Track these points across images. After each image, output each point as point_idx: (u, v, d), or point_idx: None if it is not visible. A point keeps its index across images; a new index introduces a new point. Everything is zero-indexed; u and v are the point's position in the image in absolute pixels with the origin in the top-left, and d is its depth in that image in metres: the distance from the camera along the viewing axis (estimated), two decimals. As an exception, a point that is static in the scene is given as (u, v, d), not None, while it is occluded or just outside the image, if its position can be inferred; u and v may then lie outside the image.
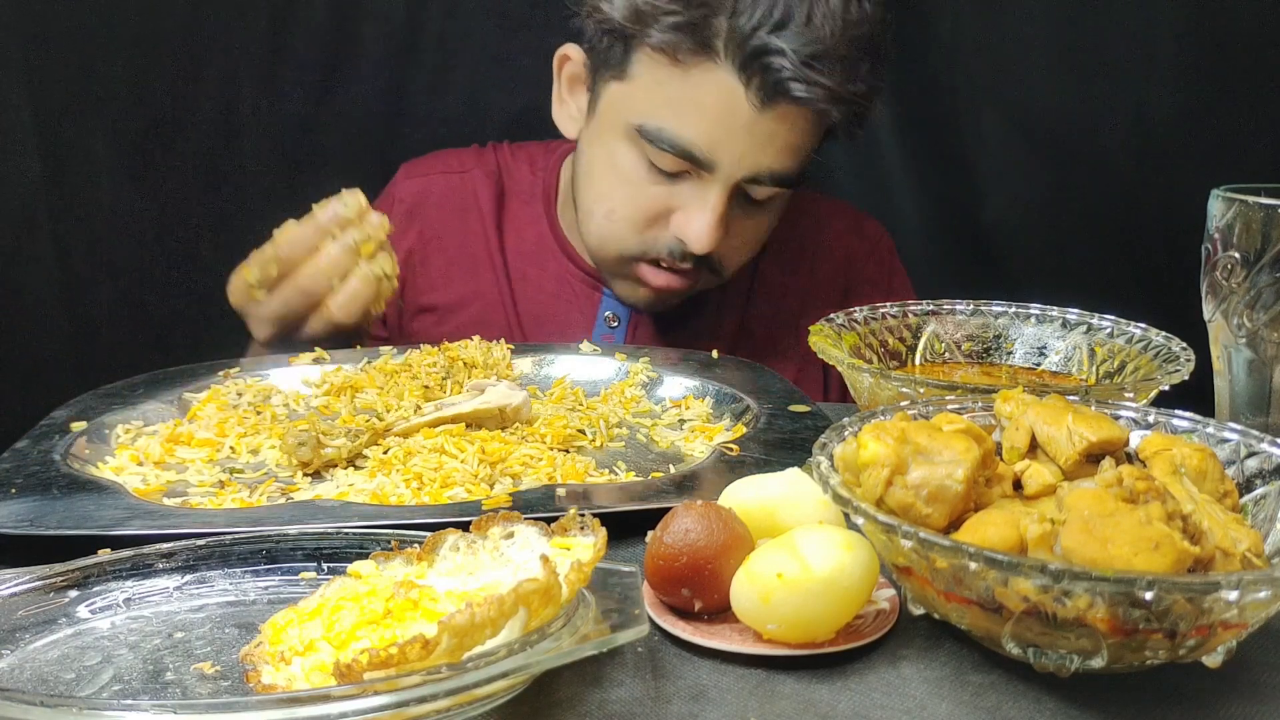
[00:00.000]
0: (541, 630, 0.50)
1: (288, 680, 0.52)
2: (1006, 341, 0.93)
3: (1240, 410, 0.79)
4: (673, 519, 0.60)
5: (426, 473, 0.78)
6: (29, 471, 0.76)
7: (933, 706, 0.54)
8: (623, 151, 1.12)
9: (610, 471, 0.81)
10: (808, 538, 0.57)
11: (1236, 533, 0.55)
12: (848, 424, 0.64)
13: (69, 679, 0.54)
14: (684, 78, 1.06)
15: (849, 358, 0.84)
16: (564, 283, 1.27)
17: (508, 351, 1.02)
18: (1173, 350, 0.83)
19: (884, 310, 0.93)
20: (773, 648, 0.57)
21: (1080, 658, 0.52)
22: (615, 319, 1.25)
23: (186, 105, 1.45)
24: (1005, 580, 0.51)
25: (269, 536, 0.64)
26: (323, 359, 1.02)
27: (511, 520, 0.61)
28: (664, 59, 1.06)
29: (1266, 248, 0.74)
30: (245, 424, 0.88)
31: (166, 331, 1.50)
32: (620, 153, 1.12)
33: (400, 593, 0.55)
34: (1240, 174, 0.80)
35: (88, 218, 1.44)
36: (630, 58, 1.09)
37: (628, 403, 0.95)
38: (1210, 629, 0.51)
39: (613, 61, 1.11)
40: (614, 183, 1.13)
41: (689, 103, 1.06)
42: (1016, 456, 0.62)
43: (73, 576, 0.60)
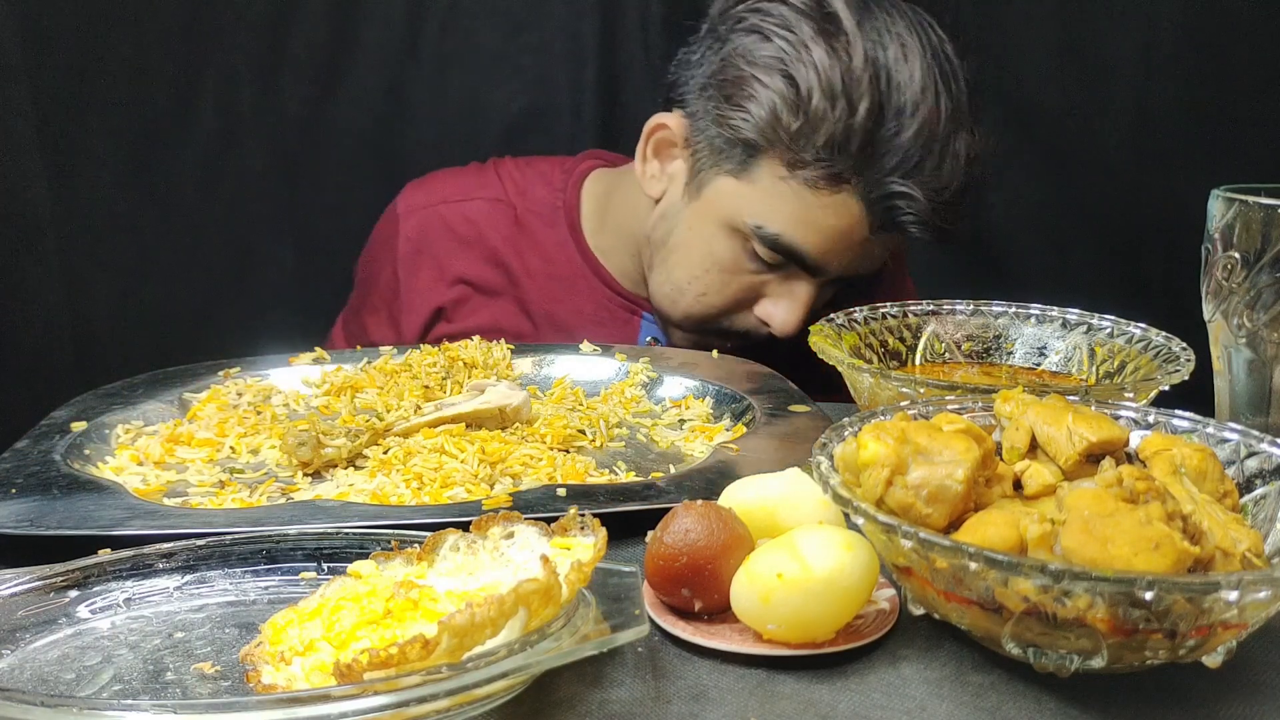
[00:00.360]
0: (541, 630, 0.50)
1: (288, 680, 0.52)
2: (1006, 341, 0.93)
3: (1240, 410, 0.79)
4: (673, 519, 0.60)
5: (426, 473, 0.78)
6: (29, 471, 0.76)
7: (933, 707, 0.54)
8: (724, 240, 1.12)
9: (610, 471, 0.81)
10: (808, 538, 0.57)
11: (1236, 533, 0.55)
12: (848, 424, 0.64)
13: (69, 679, 0.54)
14: (810, 197, 1.07)
15: (849, 358, 0.84)
16: (601, 307, 1.25)
17: (508, 351, 1.02)
18: (1173, 350, 0.83)
19: (884, 310, 0.93)
20: (773, 648, 0.57)
21: (1080, 658, 0.52)
22: (655, 344, 1.23)
23: (187, 105, 1.45)
24: (1005, 580, 0.51)
25: (269, 536, 0.64)
26: (323, 359, 1.02)
27: (511, 520, 0.61)
28: (791, 176, 1.07)
29: (1266, 248, 0.74)
30: (245, 424, 0.88)
31: (166, 331, 1.50)
32: (721, 241, 1.12)
33: (400, 593, 0.55)
34: (1241, 174, 0.80)
35: (88, 218, 1.44)
36: (754, 164, 1.09)
37: (628, 403, 0.95)
38: (1210, 629, 0.51)
39: (731, 159, 1.10)
40: (710, 268, 1.13)
41: (810, 218, 1.08)
42: (1016, 456, 0.62)
43: (73, 576, 0.60)
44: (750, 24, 1.08)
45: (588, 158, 1.31)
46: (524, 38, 1.51)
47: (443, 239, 1.26)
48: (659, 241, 1.18)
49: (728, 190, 1.11)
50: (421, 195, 1.30)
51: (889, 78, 1.04)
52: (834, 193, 1.07)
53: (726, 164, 1.11)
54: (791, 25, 1.06)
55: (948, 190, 1.08)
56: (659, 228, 1.17)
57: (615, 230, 1.25)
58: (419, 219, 1.27)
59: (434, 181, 1.32)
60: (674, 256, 1.16)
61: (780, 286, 1.12)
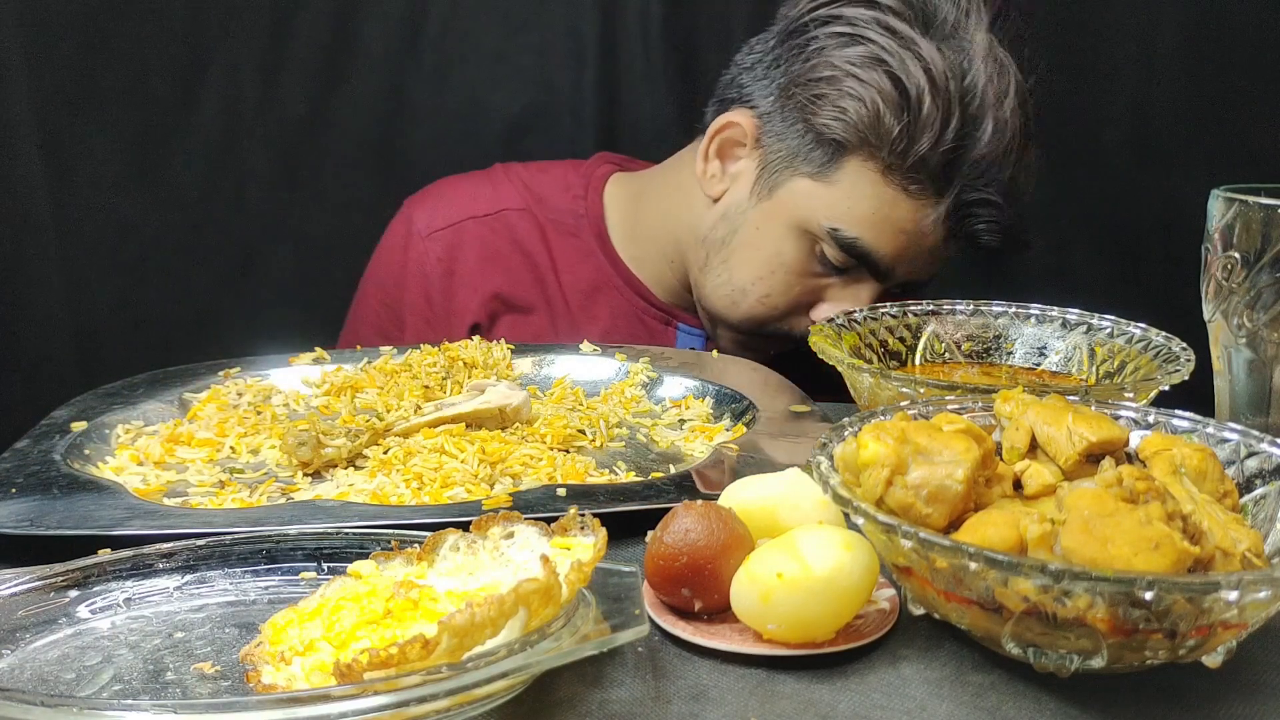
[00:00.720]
0: (541, 630, 0.50)
1: (288, 680, 0.52)
2: (1006, 341, 0.93)
3: (1240, 410, 0.79)
4: (673, 519, 0.60)
5: (426, 473, 0.78)
6: (29, 471, 0.76)
7: (933, 707, 0.54)
8: (792, 242, 1.11)
9: (610, 471, 0.81)
10: (808, 538, 0.57)
11: (1236, 533, 0.55)
12: (848, 424, 0.64)
13: (69, 679, 0.54)
14: (893, 199, 1.07)
15: (849, 358, 0.84)
16: (635, 320, 1.23)
17: (508, 351, 1.02)
18: (1173, 350, 0.83)
19: (884, 310, 0.93)
20: (773, 648, 0.57)
21: (1080, 658, 0.52)
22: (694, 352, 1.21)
23: (187, 105, 1.45)
24: (1005, 580, 0.51)
25: (269, 536, 0.64)
26: (322, 359, 1.02)
27: (511, 520, 0.61)
28: (876, 178, 1.07)
29: (1266, 248, 0.74)
30: (245, 424, 0.88)
31: (166, 331, 1.50)
32: (789, 242, 1.11)
33: (400, 593, 0.55)
34: (1241, 174, 0.80)
35: (88, 218, 1.44)
36: (838, 165, 1.08)
37: (628, 403, 0.95)
38: (1210, 629, 0.51)
39: (811, 160, 1.09)
40: (777, 269, 1.12)
41: (890, 222, 1.08)
42: (1016, 456, 0.62)
43: (73, 576, 0.60)
44: (840, 26, 1.07)
45: (602, 162, 1.29)
46: (524, 38, 1.50)
47: (474, 256, 1.22)
48: (718, 241, 1.16)
49: (804, 191, 1.10)
50: (440, 211, 1.25)
51: (981, 83, 1.05)
52: (914, 195, 1.07)
53: (805, 165, 1.10)
54: (892, 26, 1.05)
55: (1021, 199, 1.09)
56: (719, 228, 1.16)
57: (649, 238, 1.23)
58: (446, 238, 1.23)
59: (444, 194, 1.28)
60: (737, 256, 1.14)
61: (842, 290, 1.12)
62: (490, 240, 1.23)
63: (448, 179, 1.31)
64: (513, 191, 1.25)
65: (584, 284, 1.23)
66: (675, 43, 1.50)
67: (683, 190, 1.20)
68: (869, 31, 1.06)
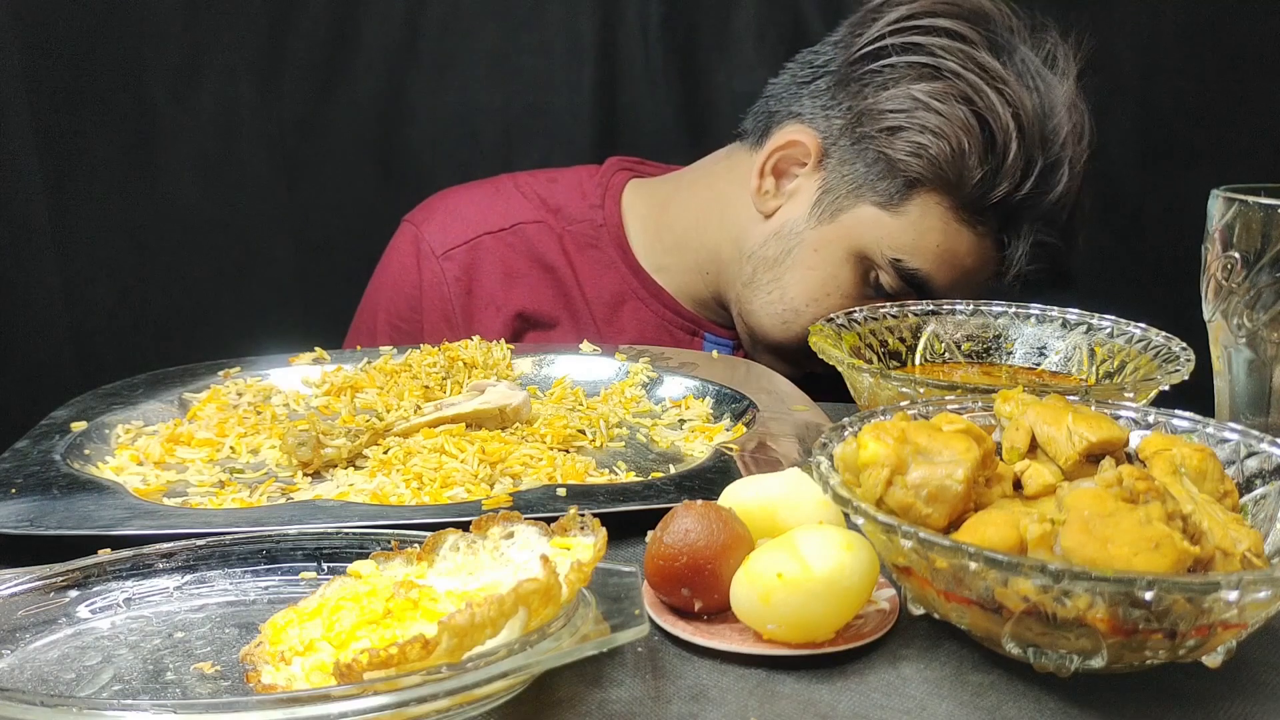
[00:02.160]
0: (541, 630, 0.50)
1: (288, 680, 0.52)
2: (1006, 341, 0.93)
3: (1240, 410, 0.79)
4: (673, 519, 0.60)
5: (426, 473, 0.78)
6: (29, 471, 0.76)
7: (933, 706, 0.54)
8: (850, 268, 1.10)
9: (610, 471, 0.81)
10: (808, 538, 0.57)
11: (1236, 533, 0.55)
12: (848, 424, 0.64)
13: (69, 679, 0.54)
14: (958, 235, 1.07)
15: (849, 358, 0.84)
16: (662, 330, 1.21)
17: (508, 351, 1.02)
18: (1173, 350, 0.83)
19: (884, 310, 0.93)
20: (773, 648, 0.57)
21: (1080, 658, 0.52)
22: None
23: (186, 105, 1.45)
24: (1005, 580, 0.51)
25: (269, 536, 0.64)
26: (322, 359, 1.02)
27: (511, 520, 0.61)
28: (946, 213, 1.06)
29: (1266, 248, 0.74)
30: (245, 424, 0.88)
31: (166, 331, 1.50)
32: (847, 268, 1.10)
33: (400, 593, 0.55)
34: (1242, 174, 0.80)
35: (87, 217, 1.44)
36: (909, 197, 1.06)
37: (628, 403, 0.95)
38: (1210, 629, 0.51)
39: (880, 190, 1.07)
40: (831, 293, 1.11)
41: (951, 256, 1.07)
42: (1016, 456, 0.62)
43: (73, 576, 0.60)
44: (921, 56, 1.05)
45: (617, 168, 1.26)
46: (524, 38, 1.50)
47: (494, 274, 1.19)
48: (769, 260, 1.13)
49: (869, 219, 1.08)
50: (452, 229, 1.20)
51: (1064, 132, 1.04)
52: (979, 234, 1.06)
53: (871, 194, 1.08)
54: (980, 61, 1.03)
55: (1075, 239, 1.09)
56: (770, 245, 1.13)
57: (679, 247, 1.20)
58: (462, 257, 1.19)
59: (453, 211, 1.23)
60: (790, 276, 1.12)
61: None
62: (508, 257, 1.19)
63: (449, 191, 1.27)
64: (525, 203, 1.22)
65: (608, 295, 1.20)
66: (675, 43, 1.50)
67: (722, 201, 1.17)
68: (953, 62, 1.03)
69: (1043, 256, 1.08)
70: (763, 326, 1.15)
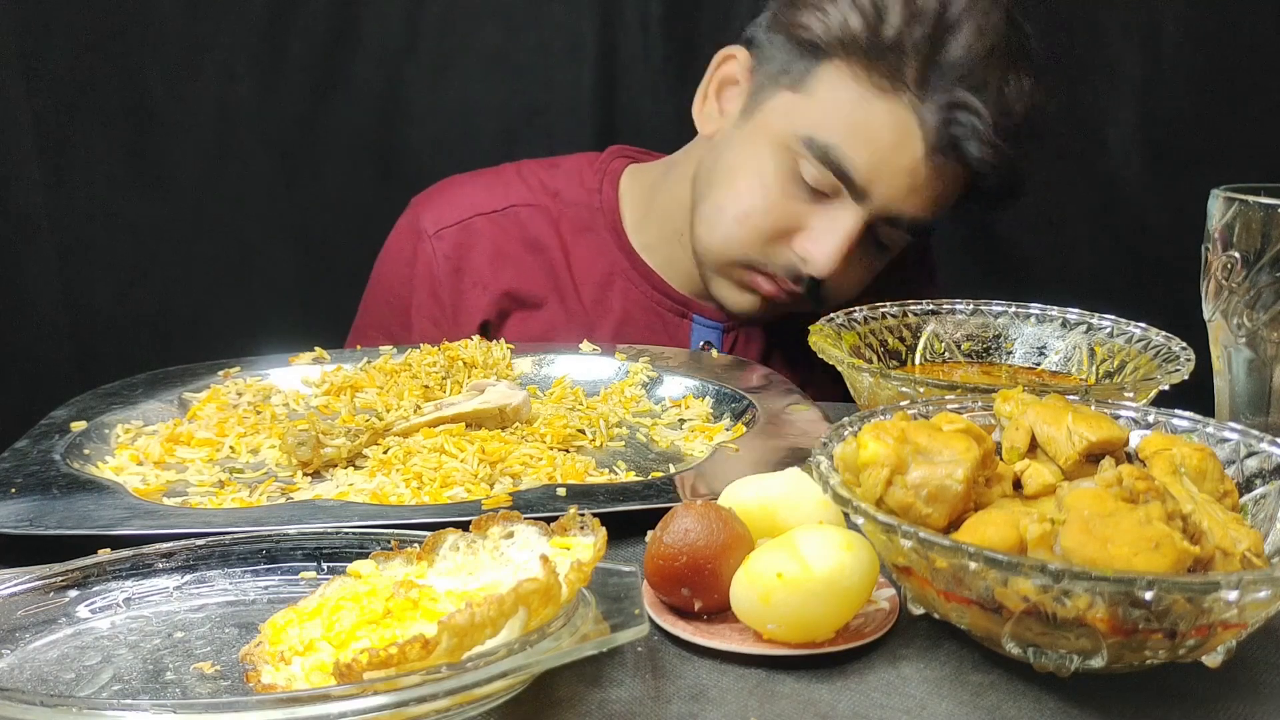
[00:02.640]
0: (541, 630, 0.50)
1: (288, 680, 0.52)
2: (1006, 341, 0.93)
3: (1240, 410, 0.79)
4: (673, 519, 0.60)
5: (426, 473, 0.78)
6: (29, 471, 0.76)
7: (933, 706, 0.54)
8: (773, 160, 1.10)
9: (610, 471, 0.81)
10: (808, 538, 0.57)
11: (1236, 533, 0.55)
12: (848, 424, 0.64)
13: (69, 679, 0.54)
14: (867, 104, 1.06)
15: (849, 357, 0.84)
16: (650, 311, 1.21)
17: (508, 351, 1.02)
18: (1173, 350, 0.83)
19: (884, 310, 0.93)
20: (773, 648, 0.57)
21: (1080, 658, 0.52)
22: (709, 346, 1.19)
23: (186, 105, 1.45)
24: (1005, 580, 0.51)
25: (269, 536, 0.64)
26: (322, 359, 1.02)
27: (511, 520, 0.61)
28: (852, 82, 1.06)
29: (1266, 248, 0.74)
30: (245, 424, 0.88)
31: (166, 331, 1.50)
32: (770, 160, 1.10)
33: (400, 593, 0.55)
34: (1243, 174, 0.80)
35: (87, 217, 1.44)
36: (814, 72, 1.08)
37: (628, 402, 0.95)
38: (1210, 629, 0.51)
39: (792, 72, 1.09)
40: (756, 188, 1.10)
41: (864, 129, 1.06)
42: (1016, 456, 0.62)
43: (73, 576, 0.60)
44: None
45: (616, 155, 1.27)
46: (524, 38, 1.51)
47: (483, 253, 1.21)
48: (707, 172, 1.15)
49: (783, 105, 1.09)
50: (448, 209, 1.23)
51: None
52: (890, 100, 1.05)
53: (785, 79, 1.09)
54: None
55: (1011, 119, 1.06)
56: (707, 160, 1.15)
57: (660, 222, 1.21)
58: (454, 235, 1.21)
59: (453, 192, 1.26)
60: (719, 179, 1.13)
61: (822, 219, 1.09)
62: (499, 238, 1.21)
63: (456, 177, 1.29)
64: (523, 187, 1.24)
65: (598, 276, 1.21)
66: (675, 43, 1.50)
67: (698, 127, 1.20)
68: None
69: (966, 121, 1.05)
70: (701, 243, 1.15)
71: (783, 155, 1.09)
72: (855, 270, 1.13)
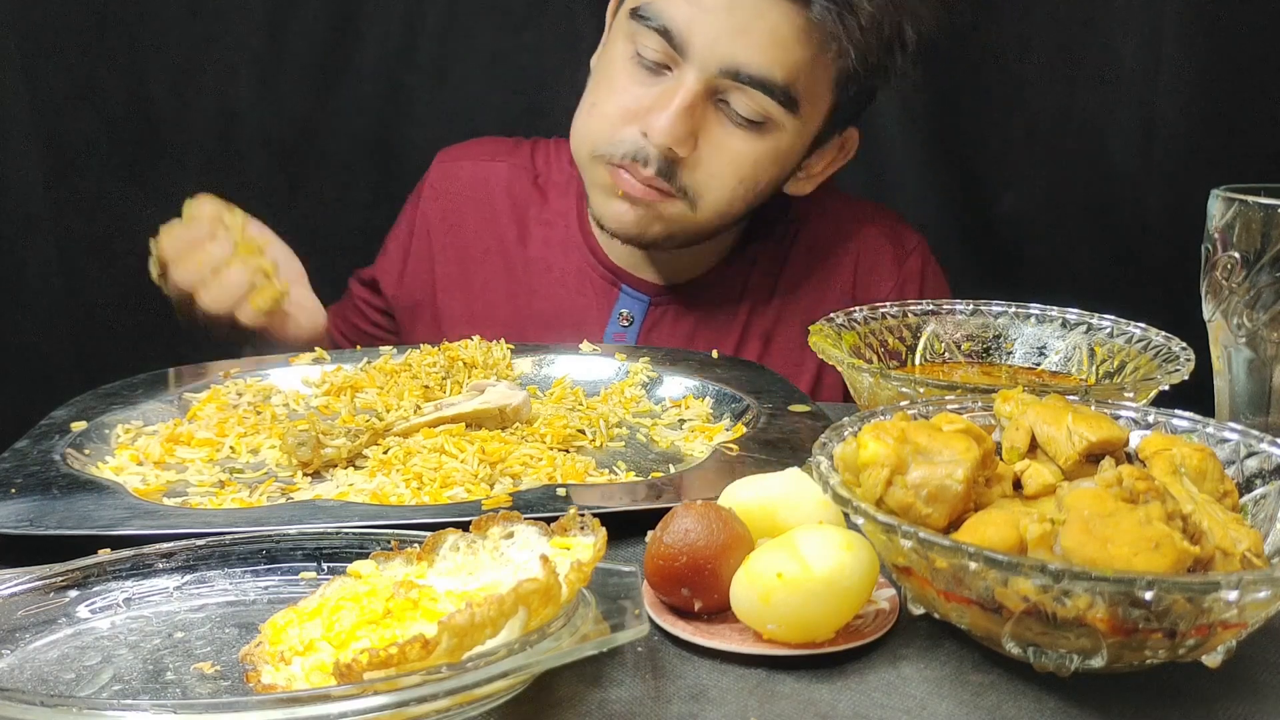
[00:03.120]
0: (541, 630, 0.50)
1: (288, 680, 0.52)
2: (1006, 341, 0.93)
3: (1240, 410, 0.79)
4: (673, 519, 0.60)
5: (426, 473, 0.78)
6: (29, 471, 0.76)
7: (933, 706, 0.54)
8: (619, 47, 1.11)
9: (610, 471, 0.81)
10: (808, 538, 0.57)
11: (1236, 533, 0.55)
12: (848, 424, 0.64)
13: (69, 679, 0.54)
14: None
15: (849, 358, 0.84)
16: (584, 276, 1.25)
17: (508, 351, 1.02)
18: (1173, 350, 0.83)
19: (884, 310, 0.93)
20: (773, 648, 0.57)
21: (1080, 658, 0.52)
22: (629, 318, 1.23)
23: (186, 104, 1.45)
24: (1005, 580, 0.51)
25: (269, 536, 0.64)
26: (322, 359, 1.02)
27: (511, 520, 0.61)
28: None
29: (1266, 248, 0.74)
30: (245, 424, 0.88)
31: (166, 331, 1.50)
32: (615, 50, 1.12)
33: (400, 593, 0.55)
34: (1244, 174, 0.80)
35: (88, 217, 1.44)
36: None
37: (628, 403, 0.95)
38: (1210, 629, 0.51)
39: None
40: (603, 79, 1.13)
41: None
42: (1016, 456, 0.62)
43: (73, 576, 0.60)
44: None
45: None
46: (523, 38, 1.50)
47: (455, 193, 1.30)
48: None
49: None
50: (456, 151, 1.34)
51: None
52: None
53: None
54: None
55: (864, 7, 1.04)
56: None
57: None
58: (444, 169, 1.32)
59: (474, 145, 1.35)
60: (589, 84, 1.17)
61: (664, 95, 1.08)
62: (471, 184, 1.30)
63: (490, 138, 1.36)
64: (524, 154, 1.31)
65: (555, 238, 1.27)
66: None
67: None
68: None
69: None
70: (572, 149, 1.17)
71: (624, 42, 1.10)
72: (719, 156, 1.10)
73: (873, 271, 1.26)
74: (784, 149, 1.12)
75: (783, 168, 1.15)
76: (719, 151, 1.10)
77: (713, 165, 1.10)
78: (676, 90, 1.07)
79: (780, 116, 1.09)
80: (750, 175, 1.12)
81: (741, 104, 1.08)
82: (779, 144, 1.12)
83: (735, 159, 1.11)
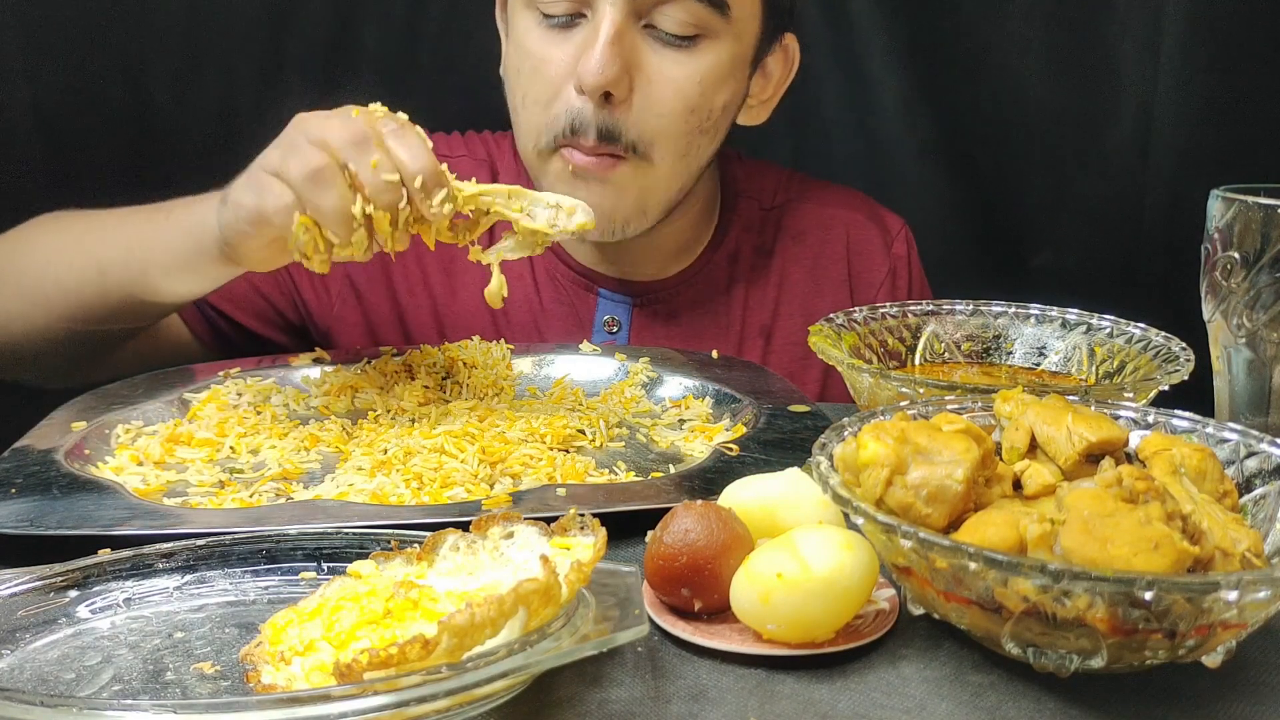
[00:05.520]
0: (541, 630, 0.50)
1: (288, 680, 0.52)
2: (1006, 341, 0.93)
3: (1240, 410, 0.79)
4: (673, 519, 0.60)
5: (426, 473, 0.78)
6: (29, 471, 0.76)
7: (933, 706, 0.54)
8: (520, 29, 1.06)
9: (610, 471, 0.81)
10: (808, 538, 0.57)
11: (1236, 533, 0.55)
12: (848, 424, 0.64)
13: (69, 679, 0.54)
14: None
15: (849, 358, 0.84)
16: (554, 283, 1.18)
17: (507, 351, 1.02)
18: (1173, 350, 0.83)
19: (884, 310, 0.93)
20: (773, 648, 0.57)
21: (1080, 658, 0.52)
22: (615, 323, 1.17)
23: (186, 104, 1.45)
24: (1005, 580, 0.51)
25: (269, 536, 0.64)
26: (323, 359, 1.02)
27: (511, 520, 0.61)
28: None
29: (1266, 248, 0.74)
30: (245, 424, 0.88)
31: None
32: (519, 33, 1.06)
33: (400, 593, 0.55)
34: (1244, 174, 0.80)
35: (88, 217, 1.43)
36: None
37: (628, 403, 0.95)
38: (1210, 629, 0.51)
39: None
40: (520, 66, 1.07)
41: None
42: (1016, 456, 0.62)
43: (73, 576, 0.60)
44: None
45: None
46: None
47: None
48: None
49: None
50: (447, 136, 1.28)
51: None
52: None
53: None
54: None
55: None
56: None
57: None
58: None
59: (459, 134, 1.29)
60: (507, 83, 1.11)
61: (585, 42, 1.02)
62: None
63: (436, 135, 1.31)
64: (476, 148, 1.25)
65: None
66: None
67: None
68: None
69: None
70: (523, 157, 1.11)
71: (526, 14, 1.06)
72: (662, 86, 1.03)
73: (865, 257, 1.23)
74: (725, 62, 1.06)
75: (731, 92, 1.08)
76: (658, 83, 1.03)
77: (655, 101, 1.03)
78: (598, 26, 1.01)
79: (712, 21, 1.03)
80: (698, 100, 1.05)
81: (669, 19, 1.02)
82: (719, 57, 1.05)
83: (677, 85, 1.04)
